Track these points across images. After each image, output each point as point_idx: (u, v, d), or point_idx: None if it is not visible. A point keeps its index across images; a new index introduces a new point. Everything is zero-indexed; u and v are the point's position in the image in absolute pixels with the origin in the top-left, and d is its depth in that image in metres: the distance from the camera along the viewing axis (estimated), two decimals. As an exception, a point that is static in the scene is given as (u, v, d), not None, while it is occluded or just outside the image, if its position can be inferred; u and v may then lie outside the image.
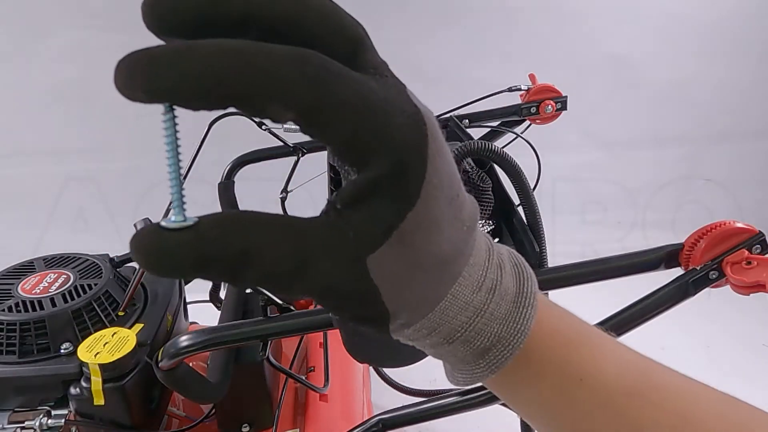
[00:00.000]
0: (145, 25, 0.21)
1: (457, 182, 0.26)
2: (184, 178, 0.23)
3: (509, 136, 1.14)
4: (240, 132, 1.13)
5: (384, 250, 0.23)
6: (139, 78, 0.20)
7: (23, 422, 0.73)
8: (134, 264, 0.98)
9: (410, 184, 0.23)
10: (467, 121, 1.15)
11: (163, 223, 0.20)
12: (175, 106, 0.21)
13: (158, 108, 0.21)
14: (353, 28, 0.23)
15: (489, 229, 0.75)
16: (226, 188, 1.13)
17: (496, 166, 0.72)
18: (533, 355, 0.29)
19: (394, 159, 0.22)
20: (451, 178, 0.25)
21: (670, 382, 0.31)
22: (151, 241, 0.21)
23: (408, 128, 0.23)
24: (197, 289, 1.15)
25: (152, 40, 0.22)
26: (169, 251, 0.20)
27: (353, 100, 0.21)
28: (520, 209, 0.69)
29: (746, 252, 0.59)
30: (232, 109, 0.21)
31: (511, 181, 0.66)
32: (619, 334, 0.60)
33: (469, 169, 0.71)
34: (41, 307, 0.79)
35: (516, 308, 0.28)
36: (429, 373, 1.74)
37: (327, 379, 1.01)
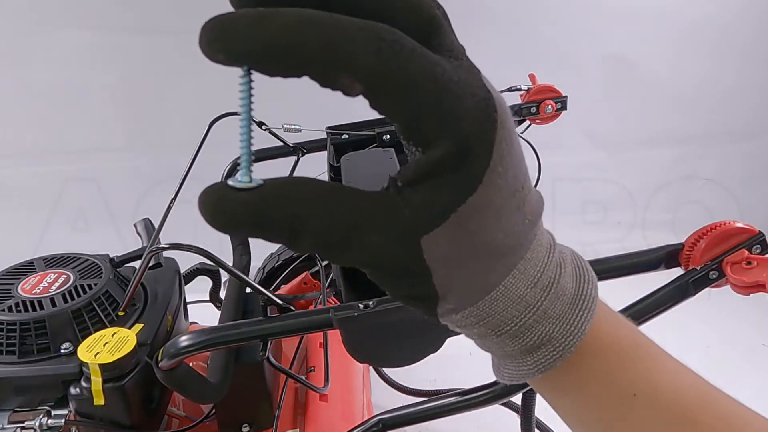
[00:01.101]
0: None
1: (524, 174, 0.25)
2: (184, 178, 0.24)
3: (509, 136, 1.14)
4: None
5: (439, 232, 0.23)
6: (221, 40, 0.21)
7: (23, 422, 0.73)
8: (134, 264, 0.98)
9: (473, 168, 0.23)
10: (467, 121, 1.15)
11: (230, 182, 0.22)
12: (252, 71, 0.22)
13: (157, 109, 0.21)
14: (430, 9, 0.23)
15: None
16: (226, 188, 1.12)
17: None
18: (585, 361, 0.28)
19: (459, 142, 0.22)
20: (517, 168, 0.25)
21: (728, 410, 0.29)
22: (217, 198, 0.22)
23: (477, 112, 0.23)
24: (197, 289, 1.15)
25: (152, 41, 0.22)
26: (231, 209, 0.21)
27: (423, 79, 0.21)
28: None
29: (746, 252, 0.59)
30: (231, 109, 0.21)
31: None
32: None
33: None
34: (41, 307, 0.79)
35: (572, 309, 0.27)
36: (429, 373, 1.75)
37: (327, 379, 1.01)
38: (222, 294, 1.03)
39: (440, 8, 0.24)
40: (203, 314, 1.18)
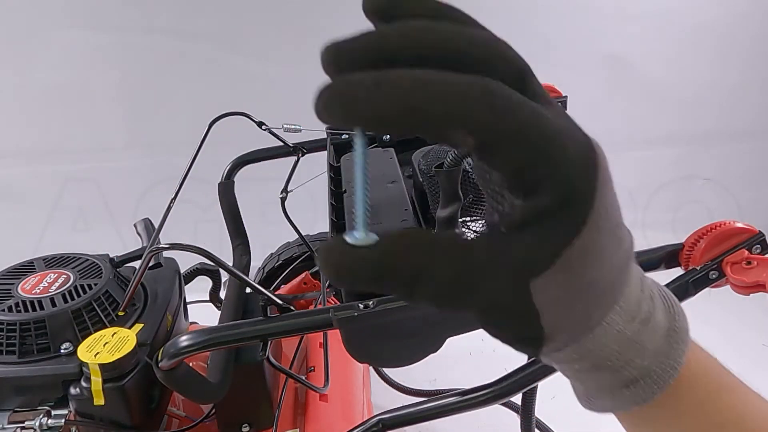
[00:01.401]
0: (324, 63, 0.23)
1: (619, 212, 0.26)
2: (184, 178, 0.24)
3: (509, 136, 1.14)
4: (240, 132, 1.13)
5: (548, 276, 0.24)
6: (337, 108, 0.22)
7: (23, 422, 0.73)
8: (134, 264, 0.98)
9: (579, 213, 0.23)
10: (467, 121, 1.15)
11: (348, 239, 0.23)
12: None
13: (157, 109, 0.21)
14: (519, 59, 0.24)
15: (489, 229, 0.75)
16: (226, 188, 1.13)
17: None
18: (679, 393, 0.29)
19: (566, 189, 0.23)
20: (615, 207, 0.26)
21: None
22: (339, 257, 0.23)
23: (581, 159, 0.24)
24: (197, 289, 1.15)
25: (152, 41, 0.22)
26: (354, 267, 0.23)
27: (532, 130, 0.22)
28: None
29: (746, 252, 0.59)
30: (231, 109, 0.21)
31: (511, 181, 0.66)
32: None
33: (469, 169, 0.71)
34: (41, 307, 0.79)
35: (668, 343, 0.28)
36: (429, 373, 1.75)
37: (327, 379, 1.01)
38: (222, 294, 1.03)
39: (522, 57, 0.25)
40: (203, 314, 1.18)
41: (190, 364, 0.76)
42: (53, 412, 0.74)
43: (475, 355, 1.74)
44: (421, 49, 0.22)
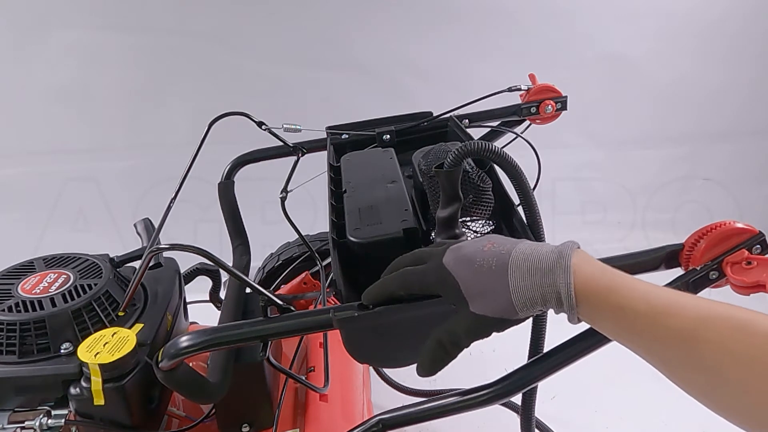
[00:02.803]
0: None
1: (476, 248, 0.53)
2: (184, 178, 0.23)
3: (509, 136, 1.14)
4: (240, 132, 1.13)
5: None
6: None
7: (23, 422, 0.73)
8: (134, 264, 0.98)
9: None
10: (467, 121, 1.15)
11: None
12: None
13: (157, 109, 0.21)
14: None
15: (489, 229, 0.75)
16: (226, 188, 1.13)
17: (496, 166, 0.72)
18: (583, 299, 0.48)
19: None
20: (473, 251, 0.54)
21: (685, 302, 0.44)
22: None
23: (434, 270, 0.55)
24: (197, 289, 1.15)
25: (152, 41, 0.22)
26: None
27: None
28: (520, 209, 0.69)
29: (746, 252, 0.59)
30: (231, 109, 0.21)
31: (511, 181, 0.66)
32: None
33: (469, 169, 0.71)
34: (41, 307, 0.79)
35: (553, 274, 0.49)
36: (429, 373, 1.74)
37: (327, 379, 1.01)
38: (222, 294, 1.03)
39: None
40: (203, 314, 1.18)
41: (190, 364, 0.76)
42: (53, 412, 0.74)
43: (475, 355, 1.73)
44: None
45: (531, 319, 0.74)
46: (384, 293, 0.57)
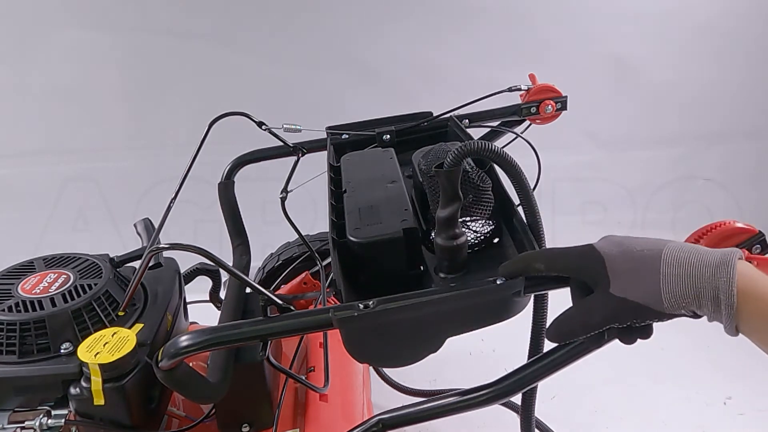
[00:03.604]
0: None
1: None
2: (184, 178, 0.23)
3: (509, 136, 1.14)
4: (240, 132, 1.13)
5: None
6: None
7: (23, 422, 0.73)
8: (134, 264, 0.98)
9: None
10: (467, 121, 1.15)
11: None
12: None
13: (157, 109, 0.21)
14: None
15: (489, 229, 0.75)
16: (226, 188, 1.13)
17: (496, 166, 0.72)
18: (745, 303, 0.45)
19: None
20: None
21: None
22: None
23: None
24: (197, 289, 1.15)
25: (152, 41, 0.22)
26: None
27: None
28: (520, 209, 0.69)
29: (746, 252, 0.59)
30: (231, 109, 0.21)
31: (511, 181, 0.66)
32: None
33: (469, 169, 0.71)
34: (41, 307, 0.79)
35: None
36: (429, 373, 1.75)
37: (327, 379, 1.01)
38: (222, 294, 1.03)
39: None
40: (203, 314, 1.18)
41: (190, 364, 0.76)
42: (53, 412, 0.74)
43: (475, 355, 1.74)
44: None
45: (531, 319, 0.74)
46: (523, 264, 0.58)
